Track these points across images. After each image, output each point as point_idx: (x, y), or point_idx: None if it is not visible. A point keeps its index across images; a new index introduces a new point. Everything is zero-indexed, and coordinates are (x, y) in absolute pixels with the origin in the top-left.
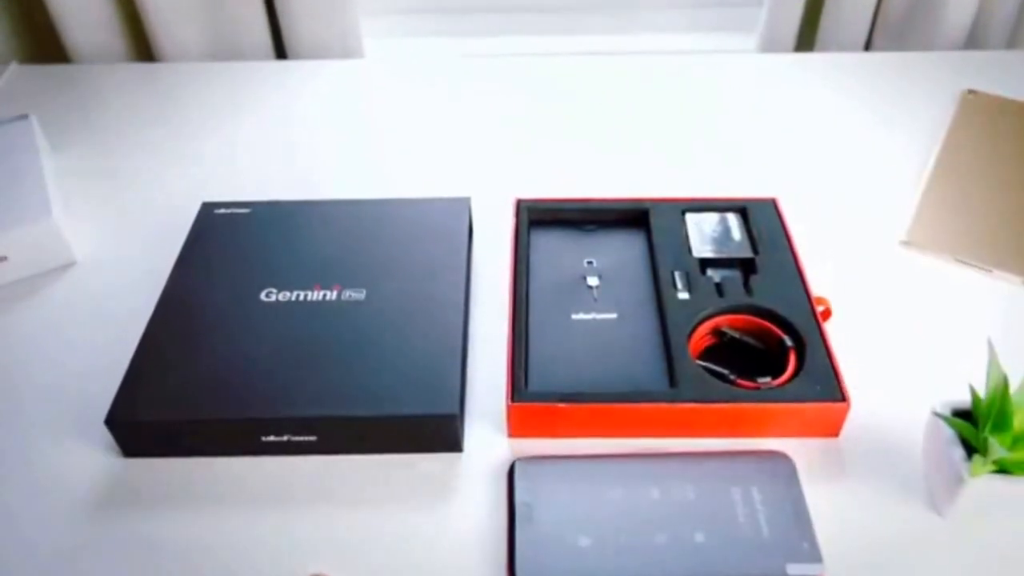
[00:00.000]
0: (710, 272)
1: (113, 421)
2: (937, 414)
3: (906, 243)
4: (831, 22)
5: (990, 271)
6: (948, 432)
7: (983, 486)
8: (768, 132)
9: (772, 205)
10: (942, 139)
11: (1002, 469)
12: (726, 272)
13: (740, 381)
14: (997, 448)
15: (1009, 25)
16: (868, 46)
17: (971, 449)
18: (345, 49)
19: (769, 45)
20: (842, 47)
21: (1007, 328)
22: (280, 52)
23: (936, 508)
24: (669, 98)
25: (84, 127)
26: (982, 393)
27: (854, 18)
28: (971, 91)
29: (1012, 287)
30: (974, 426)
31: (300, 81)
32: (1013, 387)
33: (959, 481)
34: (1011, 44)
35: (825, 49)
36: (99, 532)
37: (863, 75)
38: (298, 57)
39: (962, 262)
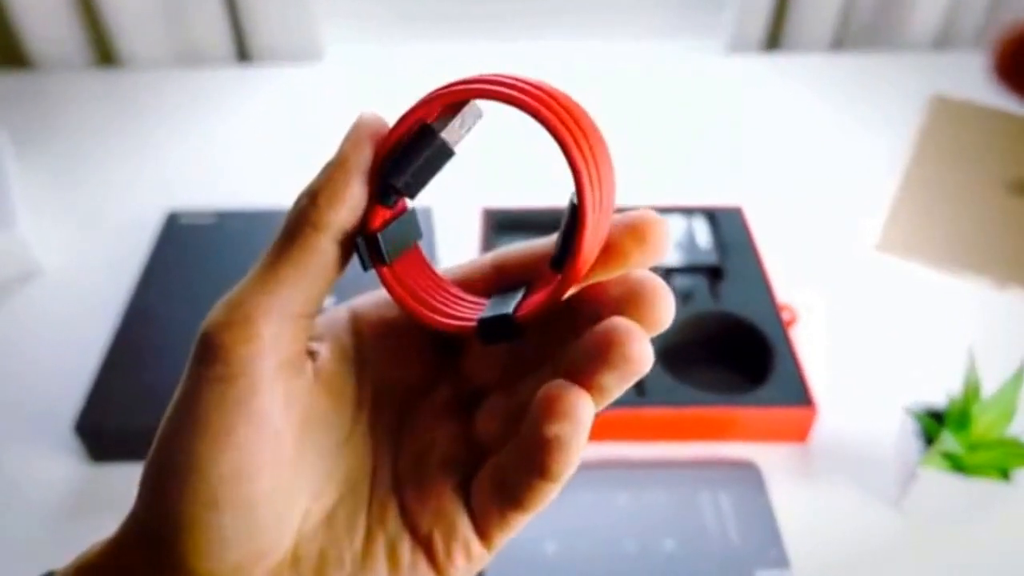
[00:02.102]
0: (676, 278)
1: (82, 427)
2: (908, 409)
3: (879, 247)
4: (799, 20)
5: (963, 275)
6: (913, 426)
7: (934, 480)
8: (738, 135)
9: (737, 213)
10: (912, 144)
11: (961, 470)
12: (693, 279)
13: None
14: (949, 440)
15: (979, 25)
16: (836, 44)
17: None
18: (307, 52)
19: (737, 45)
20: (810, 46)
21: (979, 332)
22: (243, 55)
23: (895, 502)
24: (635, 101)
25: (47, 135)
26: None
27: (822, 15)
28: (939, 96)
29: (984, 291)
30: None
31: (264, 86)
32: (988, 392)
33: (913, 473)
34: (981, 44)
35: (793, 47)
36: (68, 537)
37: (833, 77)
38: (260, 60)
39: (935, 266)
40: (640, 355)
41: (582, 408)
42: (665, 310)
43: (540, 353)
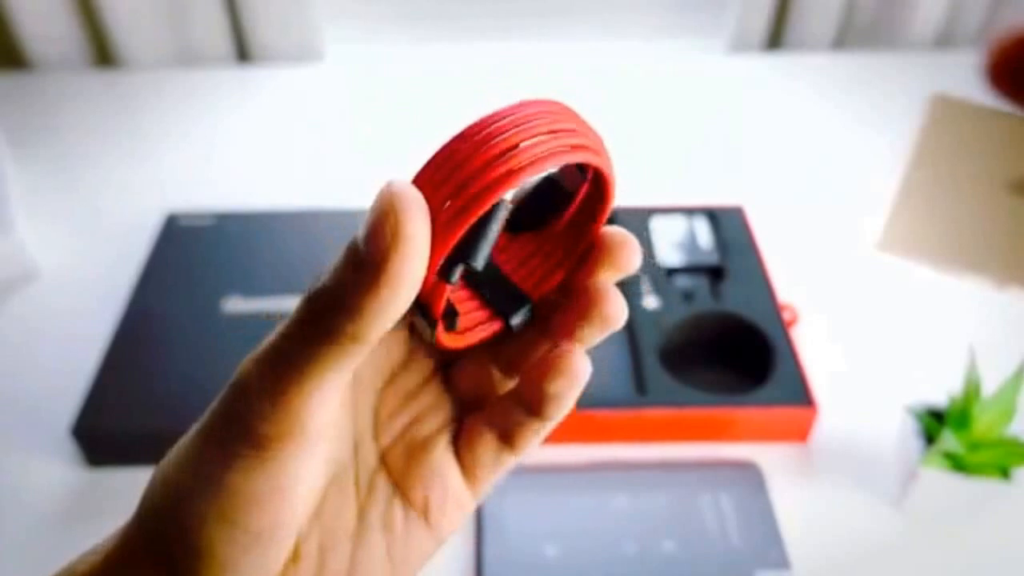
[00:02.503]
0: (677, 279)
1: (80, 430)
2: (908, 408)
3: (879, 247)
4: (800, 19)
5: (963, 275)
6: (914, 425)
7: (934, 480)
8: (738, 134)
9: (738, 213)
10: (913, 144)
11: (961, 470)
12: (693, 279)
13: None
14: (949, 439)
15: (980, 24)
16: (838, 42)
17: None
18: (308, 52)
19: (738, 44)
20: (811, 45)
21: (979, 332)
22: (243, 55)
23: (895, 502)
24: (635, 101)
25: (45, 136)
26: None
27: (823, 15)
28: (940, 95)
29: (985, 291)
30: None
31: (264, 86)
32: (988, 391)
33: (914, 472)
34: (982, 43)
35: (794, 47)
36: (63, 542)
37: (834, 76)
38: (260, 60)
39: (935, 266)
40: (615, 314)
41: (581, 368)
42: (632, 254)
43: None
